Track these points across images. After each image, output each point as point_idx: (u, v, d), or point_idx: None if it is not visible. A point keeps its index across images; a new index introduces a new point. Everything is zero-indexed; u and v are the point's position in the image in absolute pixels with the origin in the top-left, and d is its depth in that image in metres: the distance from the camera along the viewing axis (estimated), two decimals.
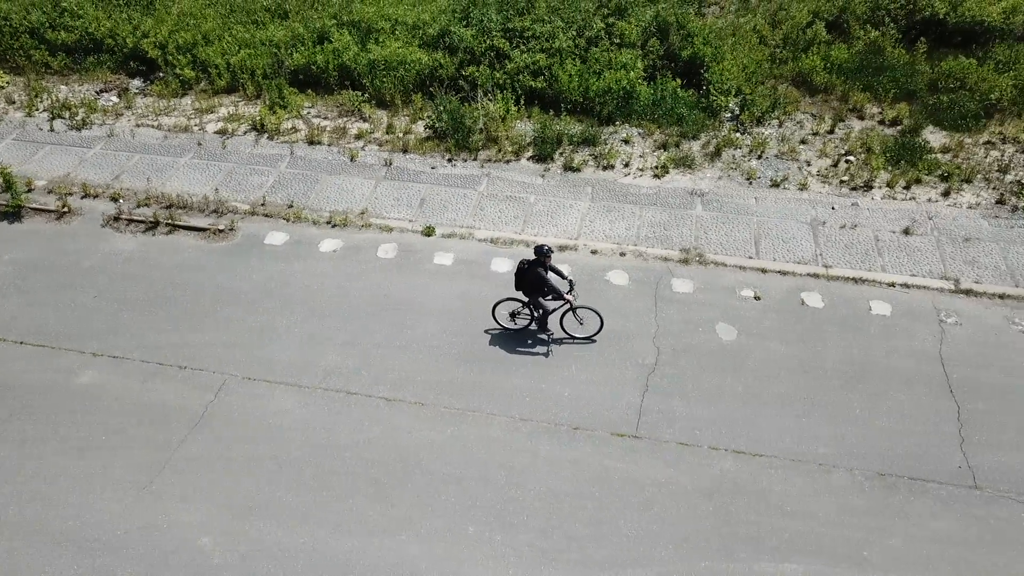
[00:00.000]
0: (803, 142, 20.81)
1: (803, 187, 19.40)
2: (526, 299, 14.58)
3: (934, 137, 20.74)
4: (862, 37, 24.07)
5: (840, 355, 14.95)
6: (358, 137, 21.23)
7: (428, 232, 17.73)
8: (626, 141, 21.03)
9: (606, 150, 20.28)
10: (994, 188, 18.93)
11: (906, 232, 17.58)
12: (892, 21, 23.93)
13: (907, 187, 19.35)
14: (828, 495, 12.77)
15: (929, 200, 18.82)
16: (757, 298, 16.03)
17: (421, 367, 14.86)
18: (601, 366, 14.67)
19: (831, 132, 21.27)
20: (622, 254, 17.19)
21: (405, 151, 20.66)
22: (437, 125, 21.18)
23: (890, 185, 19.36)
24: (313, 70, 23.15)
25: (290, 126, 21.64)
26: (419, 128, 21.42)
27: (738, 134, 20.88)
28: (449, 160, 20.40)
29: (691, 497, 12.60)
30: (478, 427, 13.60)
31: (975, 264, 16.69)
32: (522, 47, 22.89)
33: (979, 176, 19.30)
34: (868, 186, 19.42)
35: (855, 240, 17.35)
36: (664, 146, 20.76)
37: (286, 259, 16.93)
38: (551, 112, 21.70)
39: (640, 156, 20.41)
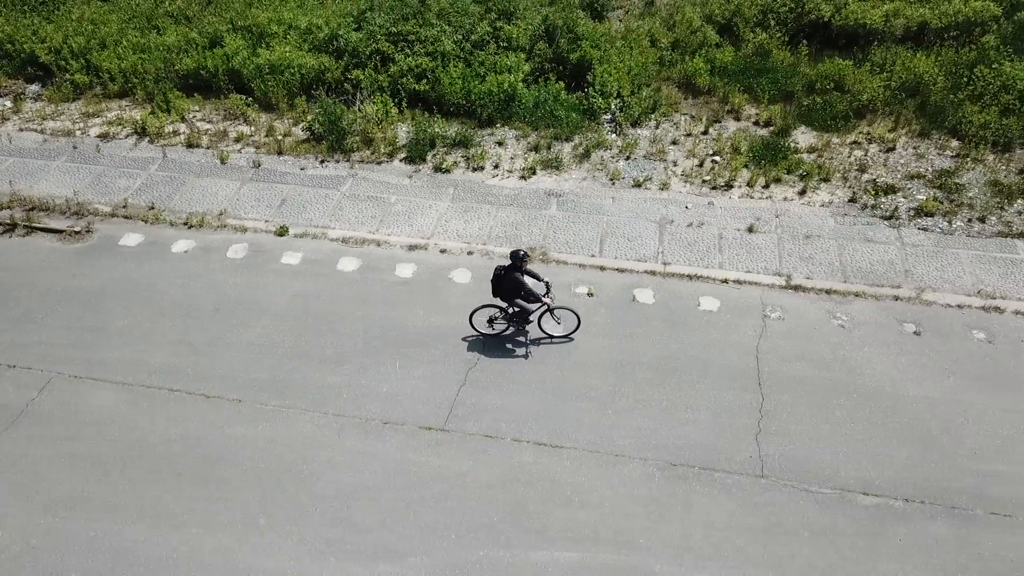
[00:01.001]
0: (674, 143, 21.19)
1: (664, 187, 19.80)
2: (503, 305, 14.87)
3: (804, 137, 21.15)
4: (750, 40, 24.39)
5: (660, 350, 15.45)
6: (237, 140, 21.54)
7: (281, 232, 18.10)
8: (500, 143, 21.38)
9: (478, 152, 20.55)
10: (849, 187, 19.33)
11: (750, 230, 17.98)
12: (780, 24, 24.28)
13: (766, 186, 19.73)
14: (618, 485, 13.21)
15: (785, 199, 19.21)
16: (591, 295, 16.41)
17: (247, 365, 15.30)
18: (424, 362, 15.03)
19: (705, 133, 21.65)
20: (470, 253, 17.56)
21: (280, 153, 20.99)
22: (314, 128, 21.46)
23: (750, 184, 19.76)
24: (203, 75, 23.32)
25: (172, 130, 21.90)
26: (299, 131, 21.69)
27: (612, 136, 21.19)
28: (322, 162, 20.79)
29: (486, 488, 12.98)
30: (290, 423, 13.99)
31: (811, 261, 17.09)
32: (407, 51, 23.17)
33: (838, 175, 19.63)
34: (729, 186, 19.78)
35: (699, 238, 17.75)
36: (536, 148, 21.04)
37: (137, 260, 17.29)
38: (433, 115, 22.22)
39: (511, 158, 20.74)
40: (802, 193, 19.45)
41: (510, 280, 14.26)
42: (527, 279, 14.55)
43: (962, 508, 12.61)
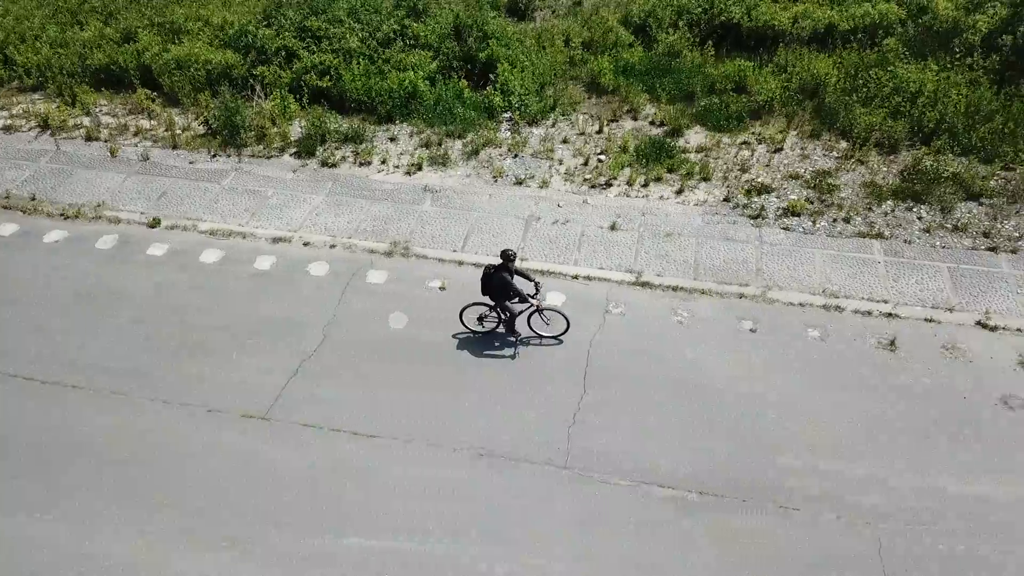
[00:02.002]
0: (565, 141, 21.53)
1: (544, 185, 20.14)
2: (492, 303, 14.87)
3: (696, 137, 21.44)
4: (663, 41, 24.69)
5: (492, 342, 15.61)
6: (136, 134, 22.01)
7: (154, 224, 18.58)
8: (392, 139, 21.76)
9: (368, 148, 21.19)
10: (727, 187, 19.60)
11: (612, 228, 18.29)
12: (694, 25, 24.57)
13: (645, 185, 20.03)
14: (425, 474, 13.59)
15: (661, 198, 19.52)
16: (442, 289, 16.79)
17: (96, 353, 15.71)
18: (265, 353, 15.45)
19: (599, 132, 21.92)
20: (332, 246, 17.95)
21: (175, 147, 21.43)
22: (211, 122, 21.92)
23: (629, 183, 20.04)
24: (114, 70, 23.83)
25: (75, 123, 22.41)
26: (199, 126, 22.18)
27: (507, 134, 21.59)
28: (213, 156, 21.26)
29: (300, 476, 13.40)
30: (140, 413, 14.48)
31: (666, 258, 17.40)
32: (312, 47, 23.59)
33: (719, 175, 19.90)
34: (608, 184, 20.10)
35: (561, 235, 18.09)
36: (427, 145, 21.42)
37: (7, 250, 17.79)
38: (333, 111, 22.67)
39: (400, 154, 21.12)
40: (679, 192, 19.73)
41: (498, 279, 14.23)
42: (517, 279, 14.58)
43: (753, 501, 12.82)
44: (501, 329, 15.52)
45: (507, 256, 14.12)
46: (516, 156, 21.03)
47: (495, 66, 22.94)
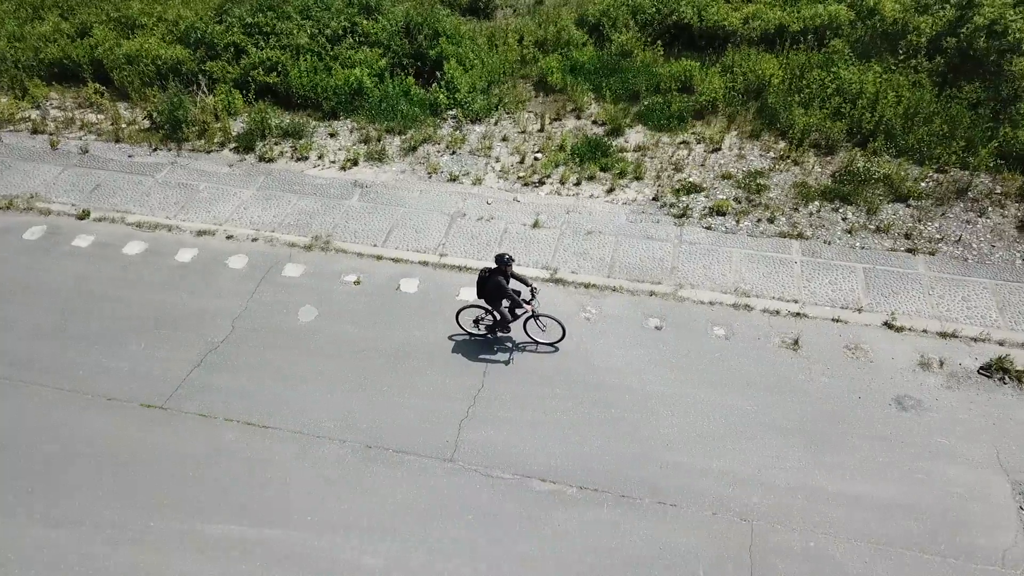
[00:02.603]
0: (504, 139, 21.69)
1: (477, 182, 20.33)
2: (488, 306, 14.79)
3: (637, 136, 21.56)
4: (616, 40, 24.84)
5: (404, 337, 16.02)
6: (82, 127, 22.34)
7: (83, 216, 18.88)
8: (333, 135, 22.00)
9: (306, 143, 21.57)
10: (659, 186, 19.72)
11: (535, 225, 18.43)
12: (647, 25, 24.70)
13: (578, 184, 20.14)
14: (309, 465, 13.81)
15: (591, 196, 19.67)
16: (357, 283, 16.99)
17: (16, 344, 16.09)
18: (172, 343, 15.71)
19: (541, 131, 22.08)
20: (254, 240, 18.20)
21: (118, 141, 21.76)
22: (154, 117, 22.25)
23: (562, 181, 20.17)
24: (67, 64, 24.22)
25: (23, 116, 22.79)
26: (145, 120, 22.50)
27: (448, 131, 21.94)
28: (155, 150, 21.61)
29: (186, 463, 13.67)
30: (41, 402, 14.84)
31: (584, 256, 17.53)
32: (261, 43, 23.89)
33: (652, 174, 20.03)
34: (542, 182, 20.24)
35: (484, 232, 18.26)
36: (367, 140, 21.66)
37: None
38: (278, 106, 23.07)
39: (339, 150, 21.36)
40: (610, 191, 19.86)
41: (493, 283, 14.14)
42: (514, 283, 14.54)
43: (632, 497, 12.99)
44: (500, 332, 15.47)
45: (502, 260, 13.96)
46: (454, 153, 21.23)
47: (453, 63, 23.05)
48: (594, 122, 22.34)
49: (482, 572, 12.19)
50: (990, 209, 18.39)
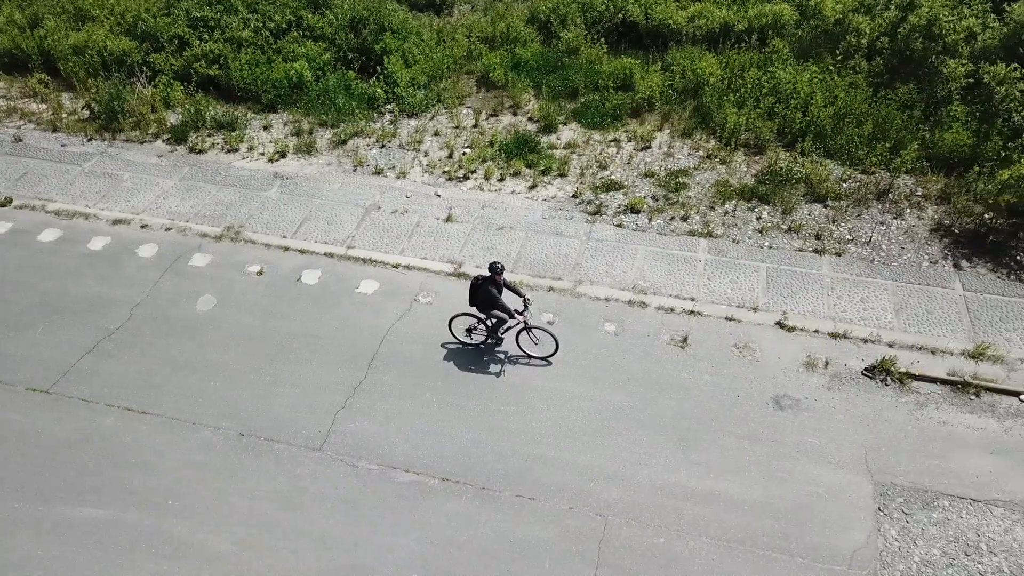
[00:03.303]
0: (436, 134, 21.86)
1: (402, 176, 20.54)
2: (481, 315, 14.65)
3: (570, 133, 21.66)
4: (564, 37, 24.97)
5: (295, 327, 16.25)
6: (22, 116, 22.75)
7: (5, 203, 19.32)
8: (266, 127, 22.26)
9: (238, 135, 21.84)
10: (582, 183, 19.82)
11: (448, 220, 18.59)
12: (596, 23, 24.80)
13: (502, 179, 20.28)
14: (181, 451, 14.05)
15: (513, 192, 19.82)
16: (260, 273, 17.23)
17: None
18: (69, 329, 16.03)
19: (475, 126, 22.25)
20: (168, 229, 18.50)
21: (55, 130, 22.15)
22: (93, 107, 22.63)
23: (486, 177, 20.32)
24: (17, 54, 24.68)
25: None
26: (83, 110, 22.87)
27: (383, 125, 22.37)
28: (90, 139, 21.94)
29: (59, 447, 14.00)
30: None
31: (491, 250, 17.68)
32: (206, 36, 24.23)
33: (577, 171, 20.13)
34: (466, 177, 20.41)
35: (396, 225, 18.44)
36: (299, 133, 21.92)
37: None
38: (218, 98, 23.39)
39: (271, 142, 21.61)
40: (532, 187, 19.95)
41: (484, 292, 13.98)
42: (507, 293, 14.39)
43: (492, 489, 13.10)
44: (493, 343, 15.28)
45: (494, 269, 13.78)
46: (383, 147, 21.39)
47: (394, 58, 23.29)
48: (530, 119, 22.42)
49: (334, 560, 12.38)
50: (908, 211, 18.29)
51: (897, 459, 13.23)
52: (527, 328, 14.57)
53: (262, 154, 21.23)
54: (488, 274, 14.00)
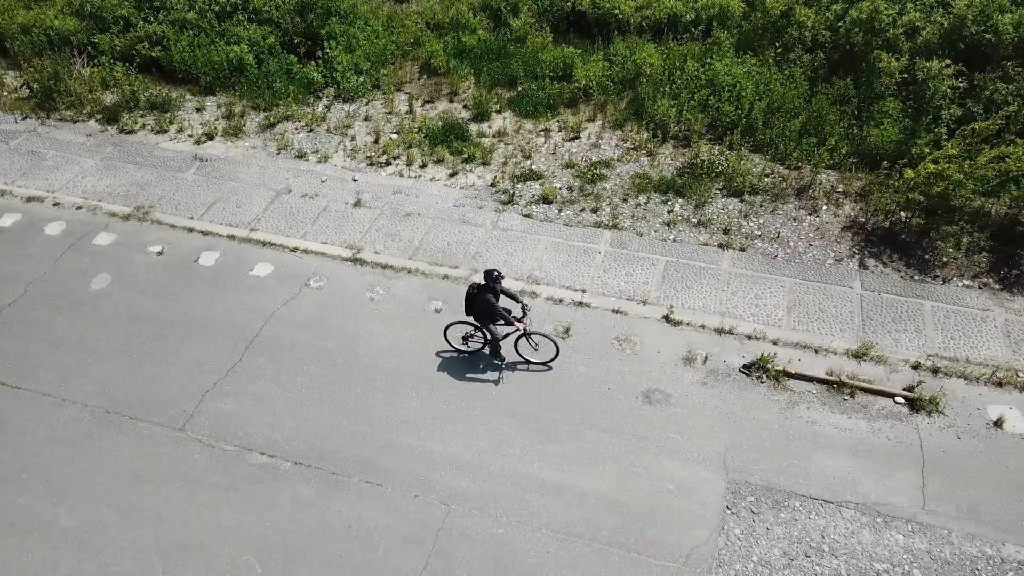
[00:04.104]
0: (367, 119, 21.95)
1: (324, 160, 20.66)
2: (476, 324, 14.23)
3: (503, 122, 21.67)
4: (513, 25, 24.96)
5: (184, 308, 16.45)
6: None
7: None
8: (199, 109, 22.48)
9: (169, 116, 22.15)
10: (502, 172, 19.81)
11: (356, 204, 18.68)
12: (546, 12, 24.77)
13: (424, 166, 20.34)
14: (45, 427, 14.31)
15: (432, 179, 19.89)
16: (160, 254, 17.45)
17: None
18: None
19: (409, 112, 22.32)
20: (79, 208, 18.78)
21: None
22: (31, 86, 22.98)
23: (408, 163, 20.39)
24: None
25: None
26: (23, 88, 23.24)
27: (312, 109, 22.47)
28: (24, 118, 22.24)
29: None
30: None
31: (394, 237, 17.79)
32: (151, 17, 24.50)
33: (500, 160, 20.13)
34: (388, 163, 20.49)
35: (303, 209, 18.57)
36: (230, 116, 22.11)
37: None
38: (157, 80, 23.76)
39: (202, 124, 21.82)
40: (453, 175, 19.96)
41: (481, 300, 13.55)
42: (504, 300, 14.07)
43: (342, 474, 13.18)
44: (487, 351, 14.96)
45: (491, 277, 13.37)
46: (311, 131, 21.48)
47: (336, 43, 23.41)
48: (465, 106, 22.36)
49: (168, 536, 12.56)
50: (825, 208, 18.06)
51: (757, 458, 13.07)
52: (526, 334, 14.24)
53: (190, 136, 21.38)
54: (484, 282, 13.52)
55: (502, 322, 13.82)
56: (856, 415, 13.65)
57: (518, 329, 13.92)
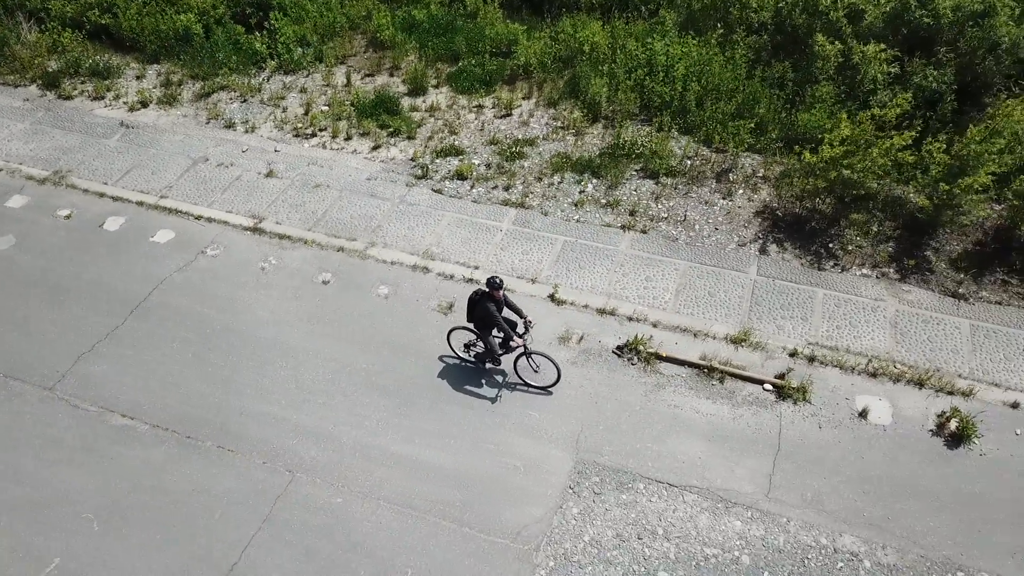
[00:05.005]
0: (303, 91, 22.20)
1: (251, 130, 20.95)
2: (477, 332, 13.62)
3: (439, 97, 21.79)
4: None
5: (79, 271, 16.79)
6: None
7: None
8: (139, 77, 22.88)
9: (110, 83, 22.55)
10: (425, 146, 19.98)
11: (269, 175, 18.96)
12: None
13: (349, 139, 20.57)
14: None
15: (354, 152, 20.10)
16: (68, 217, 17.85)
17: None
18: None
19: (347, 85, 22.55)
20: None
21: None
22: None
23: (333, 136, 20.63)
24: None
25: None
26: None
27: (248, 80, 22.79)
28: None
29: None
30: None
31: (300, 208, 18.06)
32: None
33: (426, 135, 20.29)
34: (314, 135, 20.74)
35: (216, 177, 18.90)
36: (168, 84, 22.48)
37: None
38: (103, 47, 24.21)
39: (138, 92, 22.22)
40: (376, 148, 20.15)
41: (482, 309, 12.89)
42: (507, 313, 13.32)
43: (196, 439, 13.50)
44: (490, 364, 14.42)
45: (492, 284, 12.65)
46: (244, 101, 21.72)
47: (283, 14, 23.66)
48: (404, 81, 22.40)
49: (24, 496, 12.93)
50: (740, 192, 17.96)
51: (611, 438, 13.14)
52: (527, 353, 13.50)
53: (125, 103, 21.72)
54: (487, 289, 12.86)
55: (501, 334, 13.09)
56: (721, 401, 13.63)
57: (518, 346, 13.12)
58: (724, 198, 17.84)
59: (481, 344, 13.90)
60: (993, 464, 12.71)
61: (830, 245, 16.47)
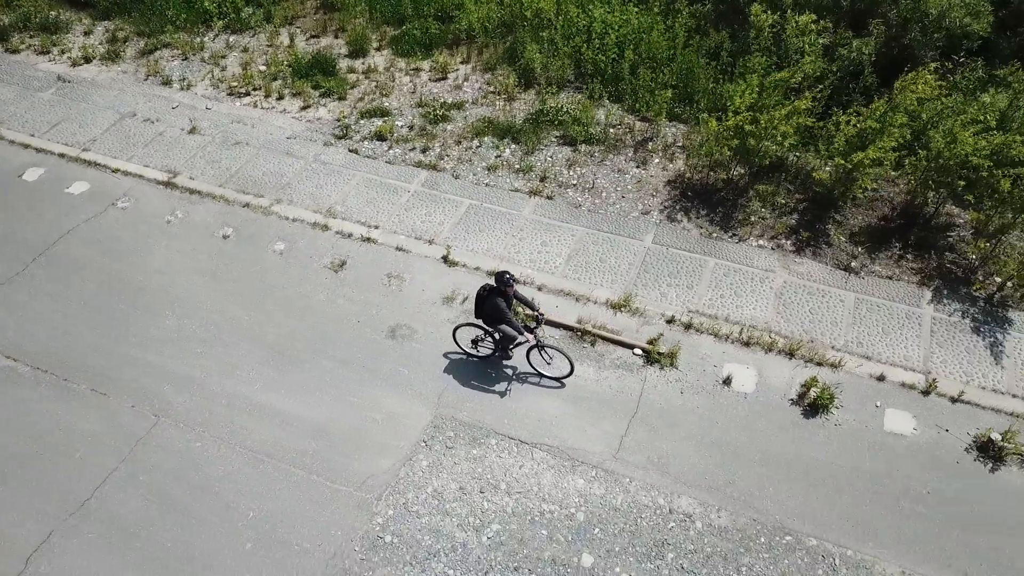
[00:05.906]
0: (245, 50, 22.71)
1: (187, 88, 21.51)
2: (486, 327, 13.51)
3: (378, 60, 22.23)
4: None
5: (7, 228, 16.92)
6: None
7: None
8: (87, 33, 23.52)
9: (56, 39, 23.22)
10: (354, 108, 20.43)
11: (191, 132, 19.52)
12: None
13: (280, 98, 21.07)
14: None
15: (283, 111, 20.60)
16: (20, 177, 18.46)
17: None
18: None
19: (290, 46, 23.03)
20: None
21: None
22: None
23: (266, 95, 21.15)
24: None
25: None
26: None
27: (191, 38, 23.32)
28: None
29: None
30: None
31: (215, 164, 18.59)
32: None
33: (357, 96, 20.75)
34: (248, 94, 21.27)
35: (140, 132, 19.48)
36: (113, 41, 23.10)
37: None
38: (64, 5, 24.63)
39: (83, 47, 22.84)
40: (305, 108, 20.61)
41: (492, 304, 12.80)
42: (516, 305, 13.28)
43: (73, 382, 14.25)
44: (501, 359, 14.39)
45: (502, 280, 12.53)
46: (186, 59, 22.23)
47: None
48: (347, 43, 22.79)
49: None
50: (656, 161, 18.19)
51: (472, 396, 13.58)
52: (539, 346, 13.57)
53: (69, 58, 22.24)
54: (495, 284, 12.76)
55: (512, 330, 13.00)
56: (588, 363, 13.98)
57: (529, 340, 13.10)
58: (639, 167, 18.06)
59: (489, 340, 13.98)
60: (847, 434, 12.93)
61: (734, 215, 16.61)
